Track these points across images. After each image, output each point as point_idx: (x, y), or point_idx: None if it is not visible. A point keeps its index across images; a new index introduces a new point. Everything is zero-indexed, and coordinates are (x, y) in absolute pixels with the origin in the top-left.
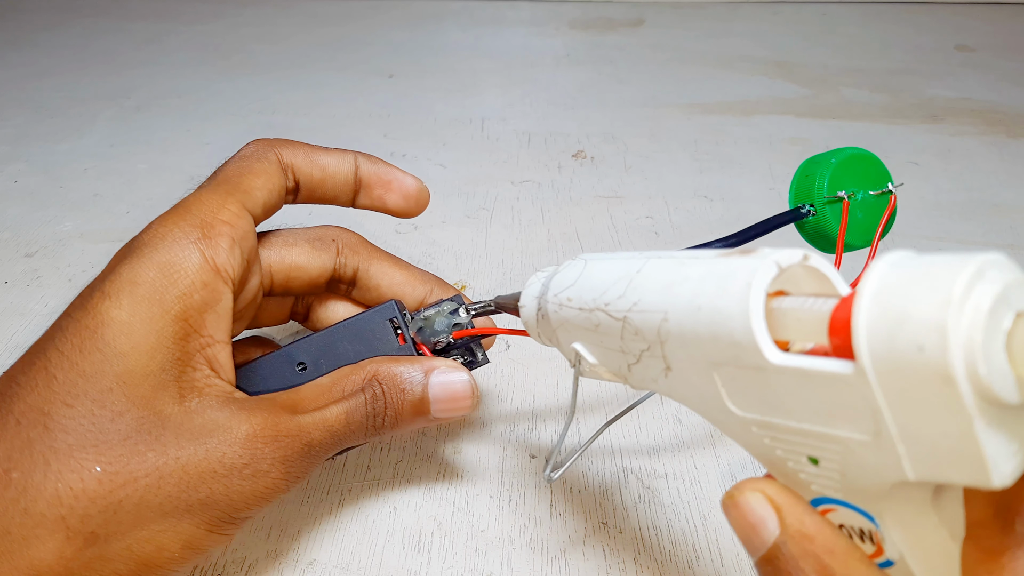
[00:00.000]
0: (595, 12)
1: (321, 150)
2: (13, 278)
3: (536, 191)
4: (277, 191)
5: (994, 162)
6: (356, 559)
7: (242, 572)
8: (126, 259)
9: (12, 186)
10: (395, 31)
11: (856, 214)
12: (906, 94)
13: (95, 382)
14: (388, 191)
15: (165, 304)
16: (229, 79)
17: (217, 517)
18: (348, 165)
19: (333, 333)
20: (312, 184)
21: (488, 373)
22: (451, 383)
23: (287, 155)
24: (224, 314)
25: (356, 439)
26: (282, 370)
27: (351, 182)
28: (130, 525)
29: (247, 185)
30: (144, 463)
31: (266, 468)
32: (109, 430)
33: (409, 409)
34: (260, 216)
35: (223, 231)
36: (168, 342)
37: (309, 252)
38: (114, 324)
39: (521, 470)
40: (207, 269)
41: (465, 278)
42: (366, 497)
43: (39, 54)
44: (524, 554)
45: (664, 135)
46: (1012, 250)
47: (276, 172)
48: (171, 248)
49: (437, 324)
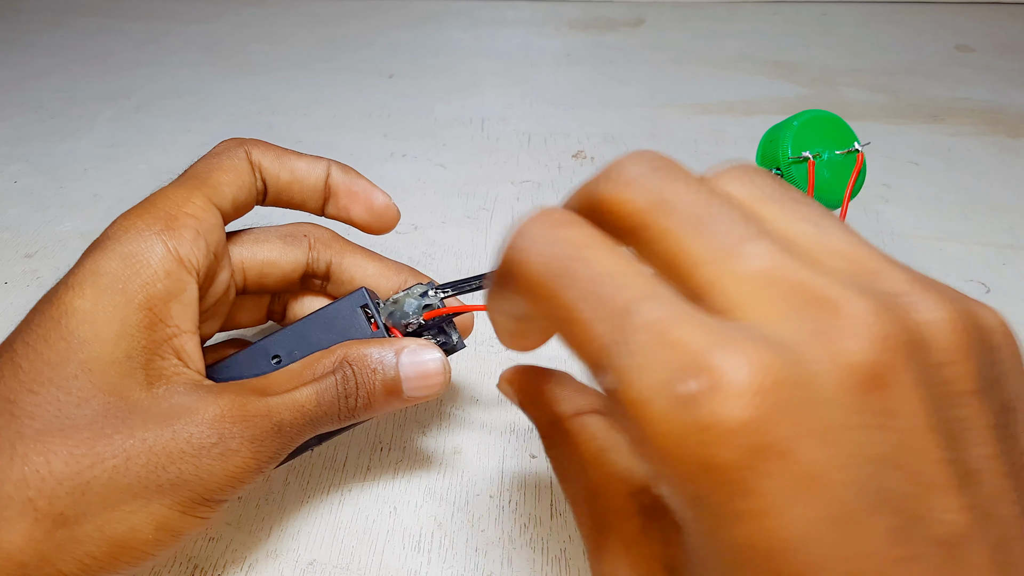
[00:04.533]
0: (595, 12)
1: (293, 154)
2: (13, 278)
3: (536, 191)
4: (246, 188)
5: (994, 162)
6: (356, 559)
7: (242, 572)
8: (91, 253)
9: (12, 186)
10: (395, 31)
11: (823, 173)
12: (906, 94)
13: (60, 370)
14: (354, 202)
15: (128, 293)
16: (229, 79)
17: (189, 498)
18: (318, 171)
19: (305, 324)
20: (279, 186)
21: (488, 373)
22: (422, 362)
23: (256, 154)
24: (190, 304)
25: (330, 421)
26: (257, 364)
27: (320, 189)
28: (100, 506)
29: (214, 180)
30: (111, 445)
31: (235, 447)
32: (75, 415)
33: (381, 389)
34: (229, 211)
35: (187, 223)
36: (132, 330)
37: (281, 247)
38: (77, 313)
39: (521, 470)
40: (170, 259)
41: None
42: (366, 497)
43: (39, 54)
44: (524, 554)
45: (664, 135)
46: (1012, 250)
47: (245, 169)
48: (134, 240)
49: (407, 306)
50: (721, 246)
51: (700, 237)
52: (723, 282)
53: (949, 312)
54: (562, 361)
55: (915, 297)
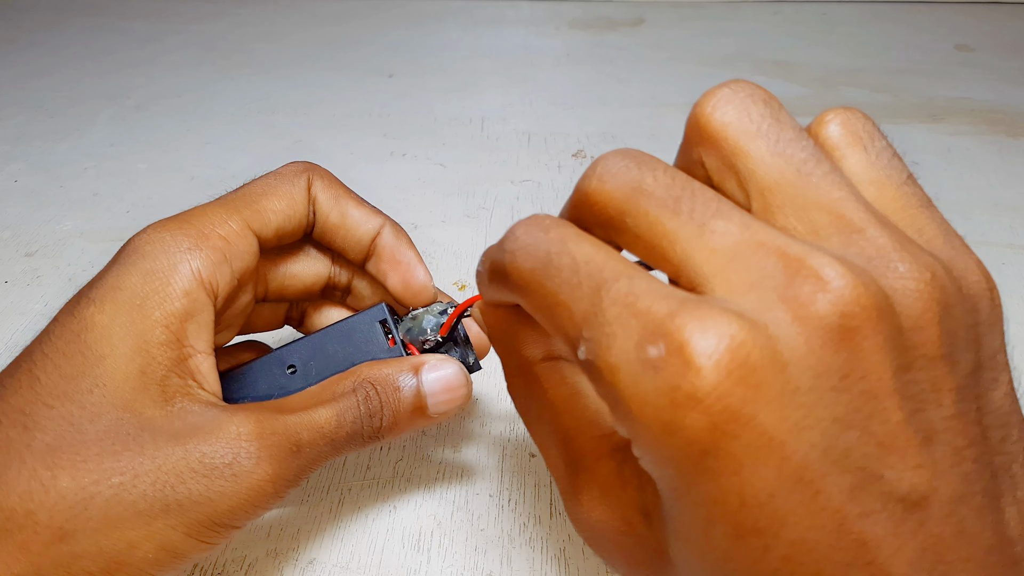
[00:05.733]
0: (595, 12)
1: (353, 199)
2: (13, 278)
3: (536, 191)
4: (297, 218)
5: (994, 162)
6: (356, 558)
7: (242, 571)
8: (114, 265)
9: (12, 186)
10: (395, 31)
11: None
12: (906, 94)
13: (75, 384)
14: (394, 270)
15: (146, 309)
16: (229, 79)
17: (196, 520)
18: (370, 227)
19: (323, 336)
20: (327, 227)
21: (488, 373)
22: (444, 377)
23: (316, 187)
24: (205, 325)
25: (353, 444)
26: (272, 373)
27: (366, 244)
28: (100, 523)
29: (262, 206)
30: (119, 462)
31: (250, 467)
32: (87, 430)
33: (407, 408)
34: (271, 239)
35: (216, 245)
36: (149, 347)
37: (304, 260)
38: (96, 328)
39: (521, 469)
40: (190, 279)
41: (465, 278)
42: (366, 496)
43: (39, 54)
44: (524, 553)
45: (664, 135)
46: (1012, 250)
47: (300, 200)
48: (158, 256)
49: (425, 323)
50: (693, 223)
51: (675, 217)
52: (695, 257)
53: (924, 277)
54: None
55: (892, 261)
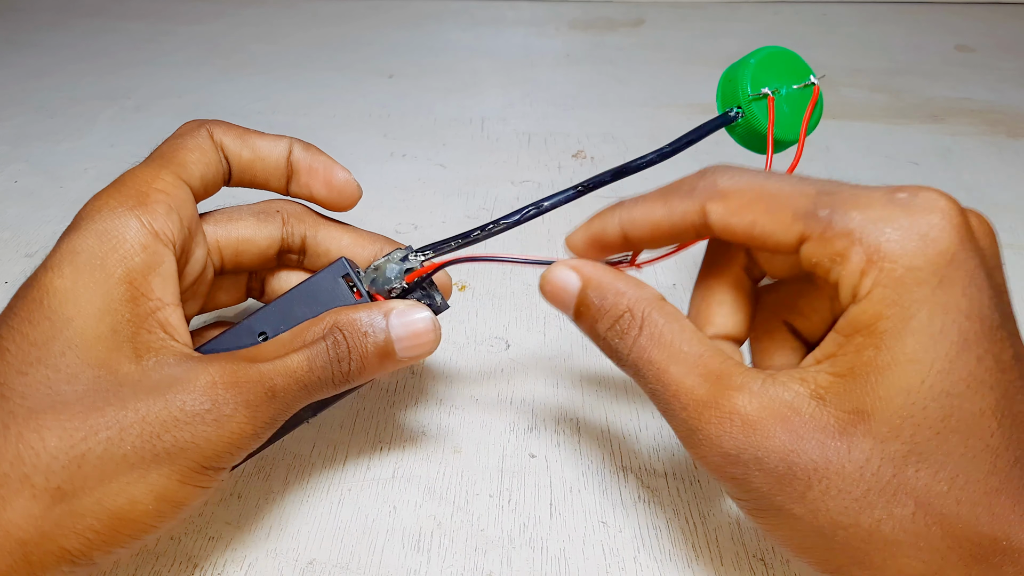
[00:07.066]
0: (595, 12)
1: (255, 133)
2: (13, 278)
3: (536, 191)
4: (213, 166)
5: (994, 162)
6: (356, 558)
7: (242, 571)
8: (66, 234)
9: (12, 186)
10: (395, 31)
11: (783, 108)
12: (906, 94)
13: (46, 349)
14: (314, 179)
15: (107, 268)
16: (229, 79)
17: (187, 466)
18: (280, 149)
19: (288, 299)
20: (242, 165)
21: (488, 373)
22: (412, 321)
23: (218, 133)
24: (169, 277)
25: (324, 388)
26: (243, 342)
27: (282, 167)
28: (97, 479)
29: (181, 159)
30: (103, 417)
31: (229, 412)
32: (66, 391)
33: (374, 352)
34: (198, 188)
35: (158, 198)
36: (115, 304)
37: (254, 224)
38: (58, 293)
39: (521, 470)
40: (145, 233)
41: (465, 278)
42: (366, 497)
43: (39, 54)
44: (524, 553)
45: (664, 135)
46: (1012, 250)
47: (209, 148)
48: (108, 217)
49: (388, 272)
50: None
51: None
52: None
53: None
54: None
55: (928, 191)
